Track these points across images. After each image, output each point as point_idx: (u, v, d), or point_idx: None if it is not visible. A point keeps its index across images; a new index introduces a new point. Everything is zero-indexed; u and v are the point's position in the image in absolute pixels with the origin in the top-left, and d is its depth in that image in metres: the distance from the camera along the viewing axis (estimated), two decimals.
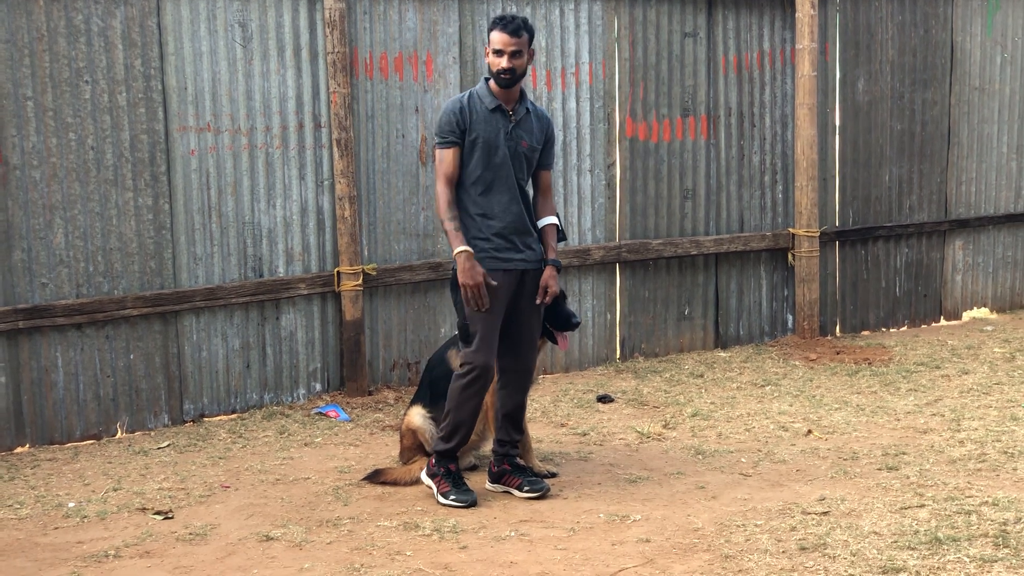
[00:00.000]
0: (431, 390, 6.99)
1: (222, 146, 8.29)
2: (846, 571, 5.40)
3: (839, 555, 5.60)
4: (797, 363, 9.68)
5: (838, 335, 10.62)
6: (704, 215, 10.01)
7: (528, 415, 7.24)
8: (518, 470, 6.81)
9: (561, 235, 6.91)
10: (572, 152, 9.43)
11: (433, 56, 8.90)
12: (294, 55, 8.48)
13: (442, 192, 6.51)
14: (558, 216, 6.93)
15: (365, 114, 8.74)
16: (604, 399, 8.72)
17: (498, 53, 6.46)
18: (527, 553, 5.83)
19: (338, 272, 8.67)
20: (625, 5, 9.54)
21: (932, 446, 7.39)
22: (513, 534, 6.10)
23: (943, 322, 11.14)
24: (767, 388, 8.97)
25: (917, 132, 10.79)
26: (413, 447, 7.03)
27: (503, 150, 6.53)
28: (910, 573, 5.35)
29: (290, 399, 8.69)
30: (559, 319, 6.89)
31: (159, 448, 7.77)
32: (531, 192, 6.80)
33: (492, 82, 6.57)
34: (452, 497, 6.54)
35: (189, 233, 8.22)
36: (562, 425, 8.14)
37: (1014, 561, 5.45)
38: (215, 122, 8.24)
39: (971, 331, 10.72)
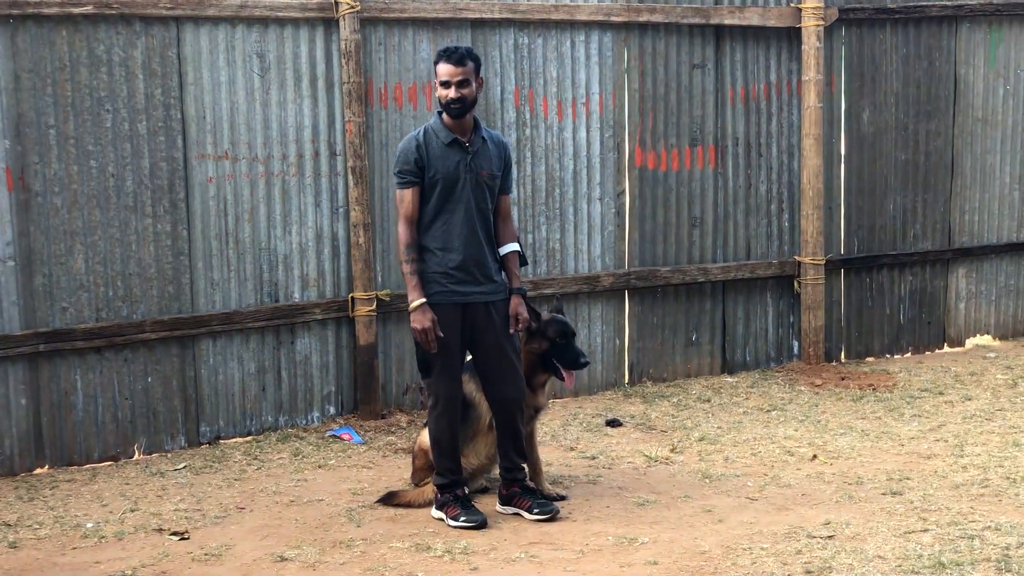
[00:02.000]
0: None
1: (239, 174, 8.32)
2: None
3: None
4: (803, 388, 9.66)
5: (843, 361, 10.59)
6: (711, 243, 10.01)
7: (538, 439, 7.24)
8: (528, 492, 6.80)
9: (523, 260, 6.93)
10: (582, 180, 9.44)
11: None
12: (310, 85, 8.51)
13: (404, 233, 6.55)
14: (519, 241, 6.95)
15: (379, 143, 8.76)
16: (613, 423, 8.70)
17: (445, 84, 6.47)
18: (537, 575, 5.82)
19: (352, 298, 8.67)
20: (635, 37, 9.56)
21: (936, 471, 7.37)
22: (523, 556, 6.09)
23: (946, 349, 11.10)
24: (773, 413, 8.95)
25: (921, 162, 10.78)
26: (425, 467, 7.02)
27: (463, 182, 6.53)
28: None
29: (304, 422, 8.69)
30: (567, 358, 6.93)
31: (176, 470, 7.78)
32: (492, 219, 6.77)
33: (445, 115, 6.55)
34: (463, 519, 6.54)
35: (207, 259, 8.24)
36: (571, 448, 8.13)
37: None
38: (233, 150, 8.27)
39: (974, 358, 10.69)
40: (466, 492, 6.74)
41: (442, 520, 6.64)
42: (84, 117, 7.78)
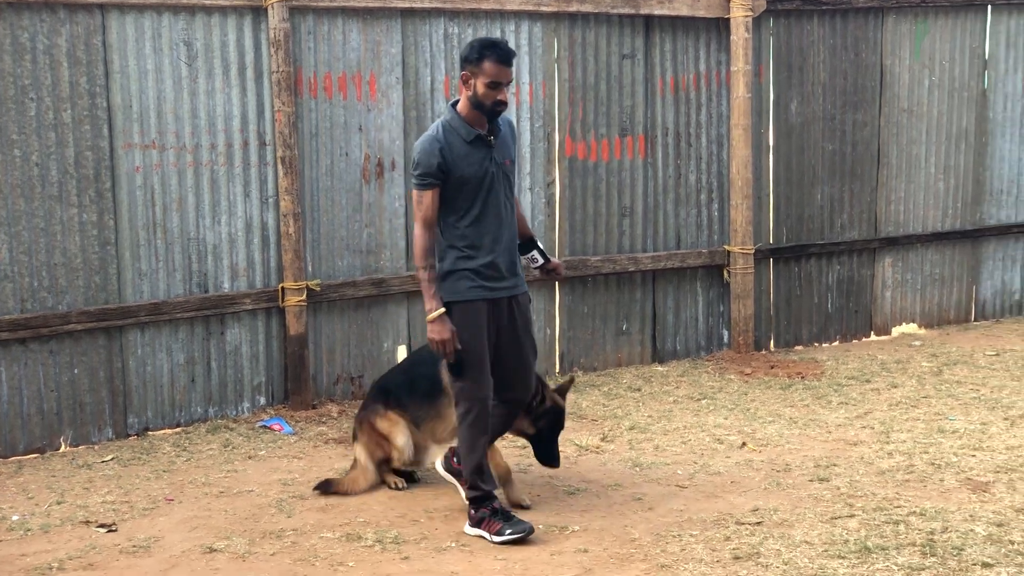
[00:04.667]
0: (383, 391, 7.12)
1: (167, 163, 8.24)
2: None
3: (772, 564, 5.64)
4: (732, 377, 9.73)
5: (772, 350, 10.69)
6: (642, 232, 10.06)
7: None
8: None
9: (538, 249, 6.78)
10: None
11: (376, 76, 8.89)
12: (239, 74, 8.45)
13: (421, 237, 6.14)
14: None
15: (309, 132, 8.72)
16: None
17: (495, 86, 6.02)
18: (467, 563, 5.84)
19: (282, 288, 8.63)
20: (565, 27, 9.58)
21: (862, 458, 7.46)
22: (454, 545, 6.10)
23: (873, 337, 11.24)
24: (703, 402, 9.01)
25: (848, 152, 10.90)
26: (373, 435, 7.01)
27: (490, 178, 6.20)
28: None
29: (234, 413, 8.64)
30: (546, 453, 6.79)
31: (103, 462, 7.71)
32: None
33: (464, 107, 6.17)
34: (508, 532, 6.12)
35: (134, 249, 8.17)
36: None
37: (941, 569, 5.51)
38: (160, 139, 8.20)
39: (900, 346, 10.83)
40: (500, 504, 6.35)
41: (483, 538, 6.20)
42: (8, 106, 7.67)
